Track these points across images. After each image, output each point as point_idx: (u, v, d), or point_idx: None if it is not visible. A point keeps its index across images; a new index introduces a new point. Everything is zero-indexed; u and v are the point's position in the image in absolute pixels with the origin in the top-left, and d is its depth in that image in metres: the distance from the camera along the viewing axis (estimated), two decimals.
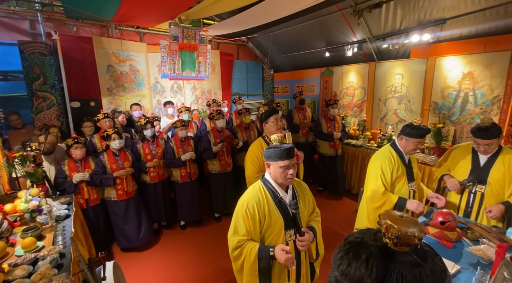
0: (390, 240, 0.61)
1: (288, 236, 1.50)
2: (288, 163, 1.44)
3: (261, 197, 1.50)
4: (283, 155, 1.43)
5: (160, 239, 3.51)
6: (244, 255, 1.46)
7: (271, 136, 1.55)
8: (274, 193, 1.52)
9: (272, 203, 1.49)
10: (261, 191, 1.52)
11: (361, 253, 0.60)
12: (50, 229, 2.10)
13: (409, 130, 2.06)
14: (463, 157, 2.22)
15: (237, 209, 1.53)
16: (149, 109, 5.26)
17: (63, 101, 3.91)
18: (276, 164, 1.46)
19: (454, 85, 3.64)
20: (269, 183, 1.54)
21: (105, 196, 3.08)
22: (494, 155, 2.07)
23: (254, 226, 1.46)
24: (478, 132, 2.03)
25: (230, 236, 1.53)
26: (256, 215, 1.45)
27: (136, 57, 4.99)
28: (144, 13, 3.59)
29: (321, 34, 5.18)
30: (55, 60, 3.75)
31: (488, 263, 1.53)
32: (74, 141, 2.81)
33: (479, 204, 2.11)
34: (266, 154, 1.50)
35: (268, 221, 1.47)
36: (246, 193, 1.56)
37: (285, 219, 1.49)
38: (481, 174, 2.10)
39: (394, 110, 4.47)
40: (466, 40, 3.53)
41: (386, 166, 2.10)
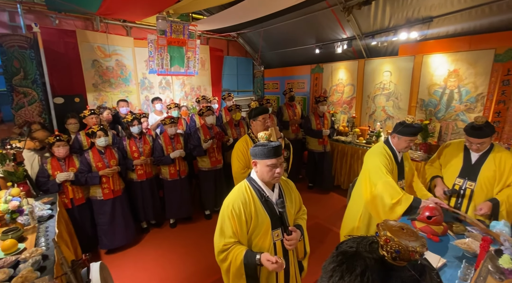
0: (388, 253, 0.56)
1: (275, 235, 1.48)
2: (275, 162, 1.41)
3: (247, 196, 1.46)
4: (270, 153, 1.39)
5: (149, 238, 3.45)
6: (229, 260, 1.42)
7: (259, 134, 1.52)
8: (260, 192, 1.48)
9: (258, 202, 1.46)
10: (247, 190, 1.48)
11: (355, 266, 0.56)
12: (32, 230, 2.02)
13: (402, 129, 2.06)
14: (455, 154, 2.25)
15: (222, 210, 1.48)
16: (137, 105, 5.14)
17: (46, 97, 3.75)
18: (263, 162, 1.42)
19: (440, 82, 3.72)
20: (255, 182, 1.50)
21: (91, 195, 2.99)
22: (485, 152, 2.09)
23: (240, 226, 1.42)
24: (471, 131, 2.05)
25: (216, 238, 1.48)
26: (242, 215, 1.41)
27: (123, 52, 4.85)
28: (130, 6, 3.48)
29: (311, 30, 5.18)
30: (36, 54, 3.60)
31: (473, 256, 1.57)
32: (56, 139, 2.69)
33: (469, 200, 2.15)
34: (253, 152, 1.45)
35: (255, 221, 1.44)
36: (231, 193, 1.51)
37: (272, 218, 1.46)
38: (472, 171, 2.13)
39: (383, 107, 4.53)
40: (452, 38, 3.60)
41: (386, 163, 2.10)
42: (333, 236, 3.38)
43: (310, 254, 2.80)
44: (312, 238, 3.30)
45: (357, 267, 0.55)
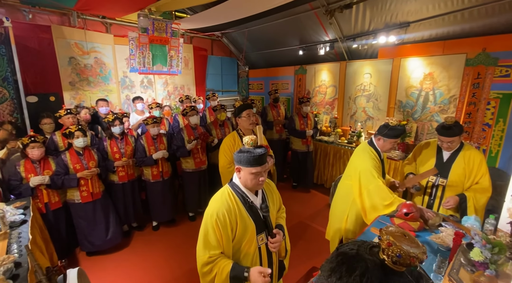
0: (389, 257, 0.58)
1: (260, 240, 1.47)
2: (260, 170, 1.38)
3: (231, 203, 1.41)
4: (255, 161, 1.36)
5: (130, 241, 3.35)
6: (215, 272, 1.36)
7: (244, 138, 1.45)
8: (244, 197, 1.45)
9: (242, 208, 1.43)
10: (230, 197, 1.44)
11: (356, 267, 0.57)
12: (4, 236, 1.90)
13: (387, 132, 2.15)
14: (429, 153, 2.39)
15: (205, 220, 1.41)
16: (117, 105, 4.98)
17: (18, 95, 3.54)
18: (247, 170, 1.38)
19: (416, 85, 3.89)
20: (238, 188, 1.47)
21: (68, 198, 2.85)
22: (455, 151, 2.23)
23: (226, 235, 1.37)
24: (442, 131, 2.18)
25: (200, 251, 1.40)
26: (227, 224, 1.37)
27: (102, 49, 4.68)
28: (109, 2, 3.37)
29: (295, 32, 5.25)
30: (7, 49, 3.39)
31: (446, 249, 1.66)
32: (30, 140, 2.55)
33: (441, 196, 2.29)
34: (237, 158, 1.40)
35: (240, 228, 1.40)
36: (214, 201, 1.45)
37: (256, 223, 1.44)
38: (443, 168, 2.26)
39: (363, 108, 4.67)
40: (427, 43, 3.78)
41: (376, 166, 2.17)
42: (314, 233, 3.45)
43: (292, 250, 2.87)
44: (294, 235, 3.36)
45: (357, 269, 0.56)
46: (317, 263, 2.94)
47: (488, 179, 2.14)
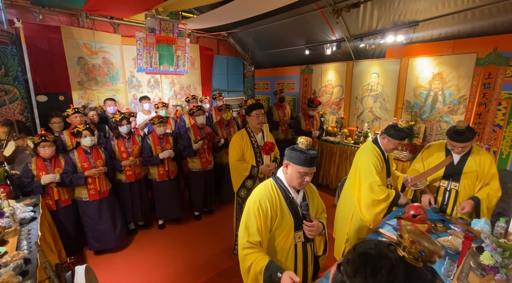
0: (410, 254, 0.60)
1: (297, 237, 1.49)
2: (308, 170, 1.41)
3: (273, 194, 1.46)
4: (307, 161, 1.38)
5: (137, 240, 3.38)
6: (251, 261, 1.39)
7: (299, 138, 1.48)
8: (286, 192, 1.49)
9: (283, 202, 1.47)
10: (272, 188, 1.49)
11: (381, 265, 0.57)
12: (14, 233, 1.94)
13: (393, 132, 2.14)
14: (438, 156, 2.30)
15: (248, 206, 1.48)
16: (124, 104, 5.04)
17: (28, 94, 3.61)
18: (296, 168, 1.41)
19: (425, 84, 3.83)
20: (282, 182, 1.51)
21: (76, 196, 2.90)
22: (465, 154, 2.15)
23: (265, 223, 1.42)
24: (454, 136, 2.10)
25: (241, 233, 1.46)
26: (268, 212, 1.42)
27: (110, 49, 4.74)
28: (117, 3, 3.41)
29: (301, 32, 5.22)
30: (18, 50, 3.46)
31: (455, 253, 1.63)
32: (41, 139, 2.60)
33: (454, 200, 2.20)
34: (289, 155, 1.43)
35: (279, 219, 1.45)
36: (257, 190, 1.51)
37: (296, 219, 1.47)
38: (455, 172, 2.19)
39: (370, 108, 4.62)
40: (436, 42, 3.72)
41: (377, 163, 2.17)
42: None
43: None
44: None
45: (383, 267, 0.57)
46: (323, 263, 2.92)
47: (497, 179, 2.09)
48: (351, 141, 4.48)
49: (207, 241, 3.33)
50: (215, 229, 3.59)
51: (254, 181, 2.60)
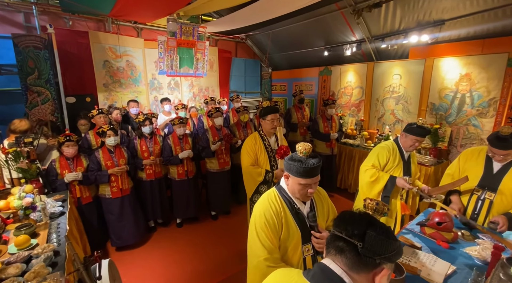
0: (371, 209, 1.19)
1: (306, 250, 1.39)
2: (310, 182, 1.28)
3: (277, 205, 1.35)
4: (306, 173, 1.25)
5: (156, 237, 3.49)
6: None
7: (298, 145, 1.35)
8: (291, 203, 1.38)
9: (289, 214, 1.36)
10: (276, 199, 1.38)
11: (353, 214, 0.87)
12: (44, 227, 2.07)
13: (410, 127, 2.20)
14: (476, 161, 2.13)
15: (254, 221, 1.36)
16: (146, 105, 5.21)
17: (58, 96, 3.84)
18: (296, 180, 1.30)
19: (451, 86, 3.66)
20: (285, 192, 1.40)
21: (100, 192, 3.04)
22: (509, 162, 1.98)
23: (275, 237, 1.32)
24: (496, 142, 1.94)
25: (258, 247, 1.31)
26: (275, 225, 1.32)
27: (133, 53, 4.94)
28: (142, 8, 3.53)
29: (320, 33, 5.17)
30: (50, 54, 3.69)
31: (483, 263, 1.54)
32: (66, 139, 2.75)
33: (487, 211, 2.03)
34: (287, 166, 1.32)
35: (285, 233, 1.34)
36: (259, 203, 1.40)
37: (303, 232, 1.37)
38: (492, 181, 2.02)
39: (392, 110, 4.48)
40: (464, 42, 3.55)
41: (384, 155, 2.30)
42: None
43: None
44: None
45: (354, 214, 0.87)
46: None
47: None
48: (371, 144, 4.36)
49: (223, 242, 3.36)
50: (232, 229, 3.61)
51: (268, 186, 2.48)
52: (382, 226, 0.81)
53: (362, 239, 0.77)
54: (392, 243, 0.78)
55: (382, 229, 0.80)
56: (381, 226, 0.80)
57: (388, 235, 0.79)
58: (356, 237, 0.78)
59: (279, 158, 2.46)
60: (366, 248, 0.76)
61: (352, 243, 0.78)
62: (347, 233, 0.80)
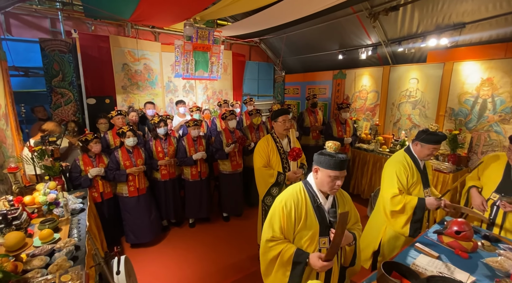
0: None
1: (322, 243, 1.48)
2: (338, 174, 1.40)
3: (300, 197, 1.48)
4: (337, 165, 1.38)
5: (169, 236, 3.55)
6: (279, 250, 1.43)
7: (327, 143, 1.49)
8: (314, 197, 1.50)
9: (310, 206, 1.48)
10: (301, 192, 1.50)
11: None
12: (66, 222, 2.16)
13: (425, 136, 2.03)
14: (496, 167, 2.11)
15: (274, 204, 1.52)
16: (162, 107, 5.34)
17: (80, 97, 4.02)
18: (326, 172, 1.41)
19: (472, 91, 3.55)
20: (311, 187, 1.52)
21: (117, 191, 3.14)
22: None
23: (288, 224, 1.45)
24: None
25: (265, 227, 1.52)
26: (292, 214, 1.44)
27: (151, 56, 5.09)
28: (160, 13, 3.65)
29: (335, 36, 5.14)
30: (73, 57, 3.87)
31: (505, 275, 1.48)
32: (94, 136, 2.92)
33: (503, 218, 2.00)
34: (318, 159, 1.45)
35: (303, 223, 1.45)
36: (285, 191, 1.54)
37: (322, 225, 1.46)
38: (510, 187, 1.99)
39: (408, 115, 4.39)
40: (486, 45, 3.44)
41: (402, 173, 2.07)
42: None
43: None
44: None
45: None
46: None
47: None
48: (386, 149, 4.27)
49: (234, 243, 3.38)
50: (243, 231, 3.63)
51: (280, 188, 2.52)
52: None
53: None
54: None
55: None
56: None
57: None
58: None
59: (292, 160, 2.47)
60: None
61: None
62: None
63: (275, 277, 1.50)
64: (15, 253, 1.60)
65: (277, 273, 1.48)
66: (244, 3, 3.35)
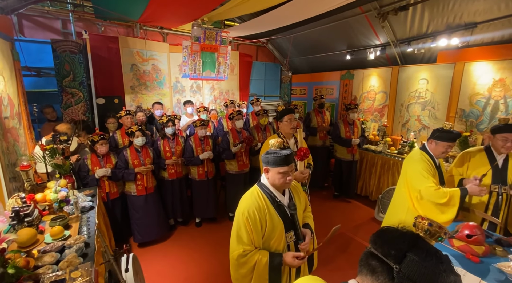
0: (421, 229, 0.86)
1: (289, 237, 1.54)
2: (287, 169, 1.46)
3: (260, 202, 1.49)
4: (282, 161, 1.44)
5: (175, 235, 3.58)
6: (253, 262, 1.44)
7: (270, 141, 1.57)
8: (272, 197, 1.53)
9: (271, 207, 1.50)
10: (259, 196, 1.51)
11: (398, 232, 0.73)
12: (76, 219, 2.20)
13: (439, 134, 2.10)
14: (481, 161, 2.20)
15: (237, 217, 1.51)
16: (169, 107, 5.39)
17: (90, 97, 4.09)
18: (275, 170, 1.47)
19: (483, 92, 3.48)
20: (267, 188, 1.55)
21: (126, 190, 3.18)
22: (506, 157, 2.13)
23: (256, 232, 1.45)
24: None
25: (234, 244, 1.51)
26: (257, 221, 1.45)
27: (159, 57, 5.14)
28: (169, 14, 3.69)
29: (343, 36, 5.11)
30: (84, 58, 3.94)
31: None
32: (100, 137, 2.93)
33: (506, 205, 2.12)
34: (265, 159, 1.50)
35: (270, 226, 1.47)
36: (244, 200, 1.54)
37: (285, 221, 1.51)
38: (501, 176, 2.11)
39: (417, 116, 4.32)
40: (498, 45, 3.36)
41: (428, 168, 2.10)
42: (357, 247, 3.28)
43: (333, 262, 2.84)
44: (335, 247, 3.24)
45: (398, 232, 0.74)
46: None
47: None
48: (395, 151, 4.22)
49: None
50: None
51: None
52: (431, 250, 0.66)
53: (399, 261, 0.65)
54: (442, 275, 0.62)
55: (431, 254, 0.65)
56: (430, 250, 0.66)
57: (438, 264, 0.64)
58: (393, 258, 0.66)
59: (299, 160, 2.46)
60: (403, 274, 0.64)
61: (387, 264, 0.67)
62: (383, 251, 0.69)
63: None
64: (27, 249, 1.64)
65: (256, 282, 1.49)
66: (252, 4, 3.35)
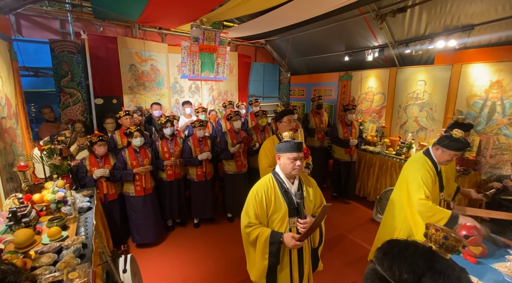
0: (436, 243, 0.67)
1: (292, 223, 1.68)
2: (296, 155, 1.63)
3: (269, 185, 1.69)
4: (293, 147, 1.63)
5: (174, 236, 3.57)
6: (256, 234, 1.64)
7: (283, 133, 1.76)
8: (281, 183, 1.71)
9: (278, 192, 1.69)
10: (270, 181, 1.72)
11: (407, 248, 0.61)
12: (74, 220, 2.19)
13: (448, 143, 2.00)
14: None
15: (248, 195, 1.75)
16: (168, 108, 5.38)
17: (88, 97, 4.07)
18: (286, 156, 1.65)
19: (480, 93, 3.50)
20: (278, 175, 1.73)
21: (124, 190, 3.17)
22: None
23: (261, 209, 1.66)
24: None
25: (243, 216, 1.74)
26: (263, 200, 1.66)
27: (157, 57, 5.13)
28: (168, 15, 3.68)
29: (341, 38, 5.13)
30: (82, 58, 3.92)
31: None
32: (98, 139, 2.92)
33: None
34: (278, 147, 1.70)
35: (274, 207, 1.66)
36: (258, 182, 1.76)
37: (289, 207, 1.66)
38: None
39: (415, 117, 4.34)
40: (495, 47, 3.39)
41: (428, 178, 2.05)
42: (355, 248, 3.28)
43: (332, 263, 2.78)
44: (334, 248, 3.24)
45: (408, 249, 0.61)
46: (358, 278, 2.79)
47: None
48: (393, 152, 4.23)
49: (239, 244, 3.35)
50: None
51: None
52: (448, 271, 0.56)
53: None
54: None
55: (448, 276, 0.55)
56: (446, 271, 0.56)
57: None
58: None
59: None
60: None
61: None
62: (393, 275, 0.57)
63: (256, 259, 1.70)
64: (24, 250, 1.63)
65: (258, 256, 1.67)
66: (251, 4, 3.36)
